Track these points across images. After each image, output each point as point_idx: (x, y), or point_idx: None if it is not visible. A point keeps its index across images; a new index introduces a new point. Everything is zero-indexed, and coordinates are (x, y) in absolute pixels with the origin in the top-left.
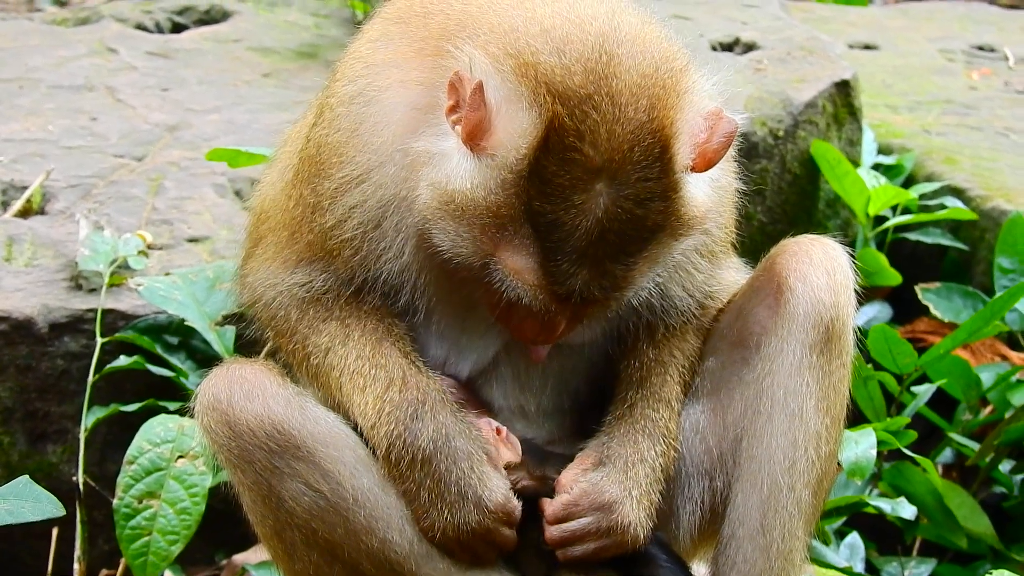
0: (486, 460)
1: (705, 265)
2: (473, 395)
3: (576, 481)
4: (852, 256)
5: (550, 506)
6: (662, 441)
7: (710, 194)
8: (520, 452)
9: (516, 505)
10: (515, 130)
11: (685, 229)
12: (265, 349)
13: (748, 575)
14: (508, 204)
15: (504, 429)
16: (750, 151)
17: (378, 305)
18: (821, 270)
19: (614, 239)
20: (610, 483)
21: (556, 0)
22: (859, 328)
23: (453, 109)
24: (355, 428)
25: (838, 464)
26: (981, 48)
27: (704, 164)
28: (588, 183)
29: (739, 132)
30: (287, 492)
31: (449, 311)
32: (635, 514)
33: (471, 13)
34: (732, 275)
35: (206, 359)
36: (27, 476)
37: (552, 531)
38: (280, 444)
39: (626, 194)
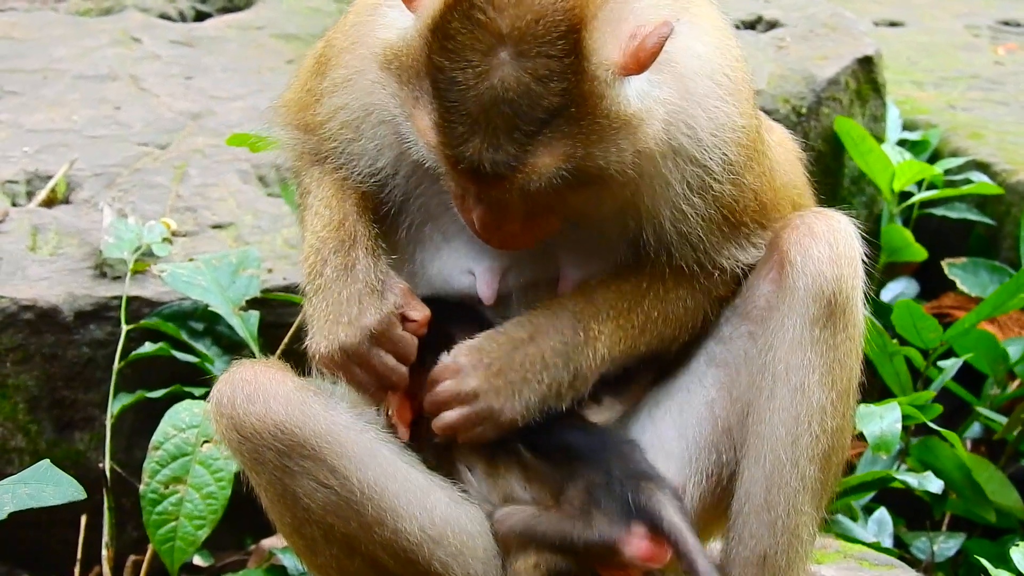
0: (378, 296)
1: (713, 214)
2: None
3: (459, 348)
4: (866, 229)
5: (432, 370)
6: (572, 332)
7: (655, 101)
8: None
9: (395, 334)
10: None
11: (598, 126)
12: (288, 335)
13: (754, 551)
14: (415, 56)
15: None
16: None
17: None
18: (824, 243)
19: (508, 111)
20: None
21: None
22: (885, 304)
23: None
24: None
25: (861, 438)
26: (1007, 23)
27: (637, 66)
28: (489, 47)
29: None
30: (301, 490)
31: (455, 223)
32: (481, 384)
33: None
34: (755, 254)
35: (231, 344)
36: (48, 460)
37: (428, 396)
38: (286, 444)
39: (525, 67)
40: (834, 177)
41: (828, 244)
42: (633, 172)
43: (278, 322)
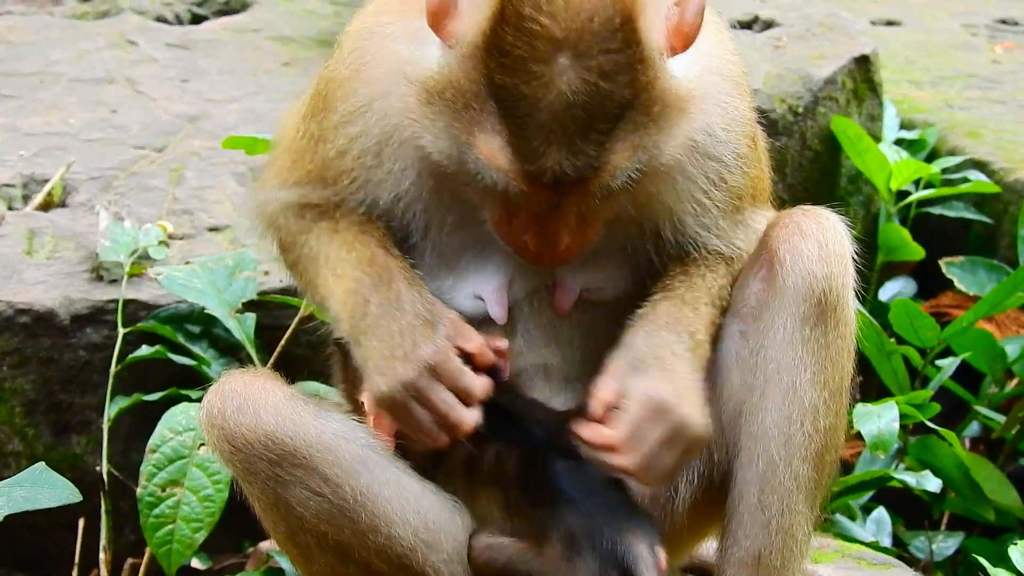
0: (430, 327)
1: (726, 203)
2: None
3: (618, 393)
4: (864, 228)
5: (588, 427)
6: (688, 338)
7: (699, 78)
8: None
9: (453, 366)
10: (476, 7)
11: (665, 111)
12: (284, 337)
13: (749, 551)
14: (471, 80)
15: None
16: (770, 128)
17: (370, 214)
18: (813, 241)
19: (581, 114)
20: (657, 386)
21: None
22: (882, 303)
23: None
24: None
25: (859, 437)
26: (1004, 22)
27: (683, 42)
28: (549, 55)
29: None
30: (293, 499)
31: (458, 246)
32: (693, 409)
33: None
34: (755, 238)
35: (228, 347)
36: (43, 463)
37: (622, 460)
38: (277, 453)
39: (589, 66)
40: (831, 176)
41: (817, 242)
42: (676, 160)
43: (274, 324)
